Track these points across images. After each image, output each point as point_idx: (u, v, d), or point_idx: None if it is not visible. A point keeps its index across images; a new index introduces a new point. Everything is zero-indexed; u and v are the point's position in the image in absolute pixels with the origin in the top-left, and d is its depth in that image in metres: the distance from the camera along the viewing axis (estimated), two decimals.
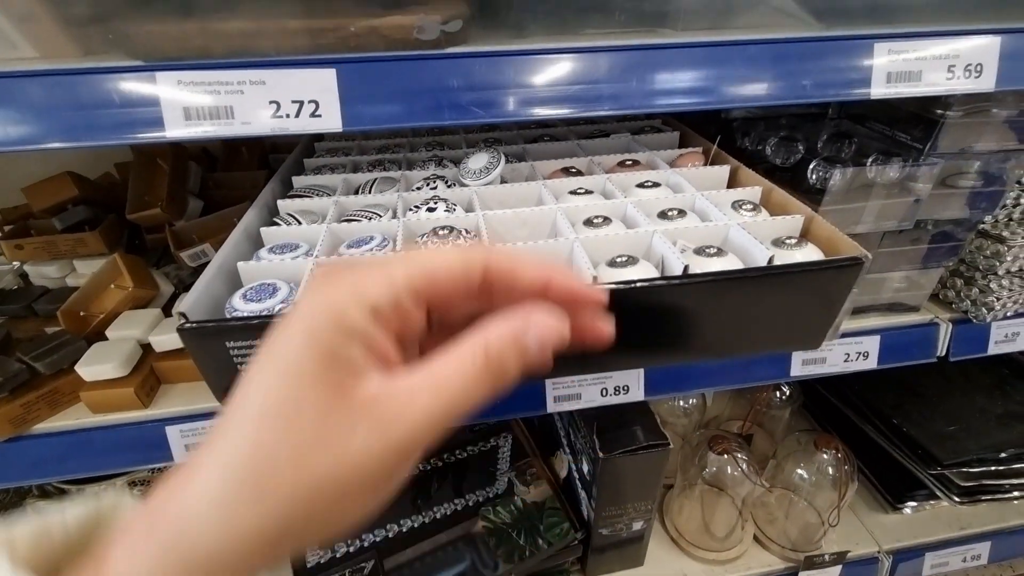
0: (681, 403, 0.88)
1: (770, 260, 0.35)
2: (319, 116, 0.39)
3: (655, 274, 0.35)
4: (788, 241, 0.38)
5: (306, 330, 0.18)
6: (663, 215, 0.41)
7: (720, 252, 0.36)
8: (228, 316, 0.38)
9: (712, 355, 0.41)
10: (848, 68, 0.44)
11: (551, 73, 0.40)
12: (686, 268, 0.35)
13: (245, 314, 0.38)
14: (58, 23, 0.38)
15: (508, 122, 0.43)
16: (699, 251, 0.37)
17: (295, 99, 0.38)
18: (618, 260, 0.37)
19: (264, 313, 0.38)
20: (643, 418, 0.66)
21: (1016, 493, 0.72)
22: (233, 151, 0.83)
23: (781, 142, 0.59)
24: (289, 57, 0.38)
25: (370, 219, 0.48)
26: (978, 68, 0.45)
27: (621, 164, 0.50)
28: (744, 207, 0.42)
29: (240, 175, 0.78)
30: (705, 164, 0.51)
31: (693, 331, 0.36)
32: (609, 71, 0.42)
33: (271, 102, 0.38)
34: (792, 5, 0.42)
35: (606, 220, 0.41)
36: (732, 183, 0.49)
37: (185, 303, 0.36)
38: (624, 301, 0.33)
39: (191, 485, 0.17)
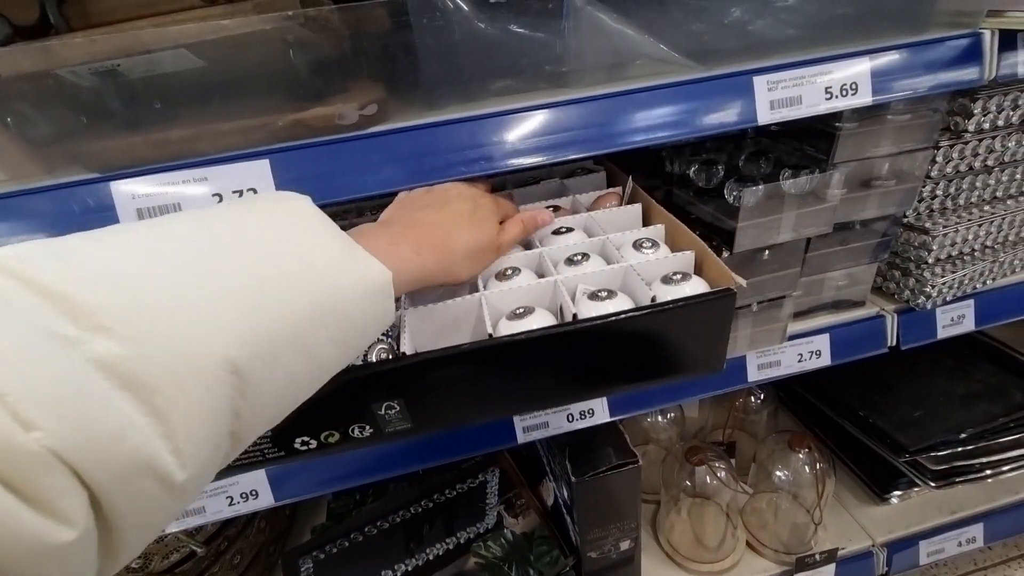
0: (660, 418, 0.90)
1: (653, 299, 0.39)
2: None
3: (551, 322, 0.39)
4: (675, 277, 0.41)
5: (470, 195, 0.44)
6: (569, 261, 0.45)
7: (611, 295, 0.40)
8: None
9: (619, 389, 0.44)
10: (733, 101, 0.48)
11: (462, 139, 0.45)
12: (575, 315, 0.38)
13: None
14: (23, 148, 0.43)
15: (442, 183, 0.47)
16: (593, 296, 0.40)
17: (235, 189, 0.43)
18: (517, 312, 0.40)
19: None
20: (613, 439, 0.69)
21: (989, 472, 0.73)
22: None
23: (703, 165, 0.64)
24: (226, 154, 0.43)
25: None
26: (853, 87, 0.50)
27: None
28: (644, 245, 0.46)
29: None
30: (621, 202, 0.55)
31: (593, 371, 0.40)
32: (518, 130, 0.46)
33: (213, 195, 0.42)
34: (672, 55, 0.47)
35: (515, 271, 0.44)
36: (647, 219, 0.53)
37: None
38: (517, 351, 0.37)
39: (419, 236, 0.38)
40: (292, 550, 0.78)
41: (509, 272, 0.44)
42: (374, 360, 0.37)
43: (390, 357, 0.38)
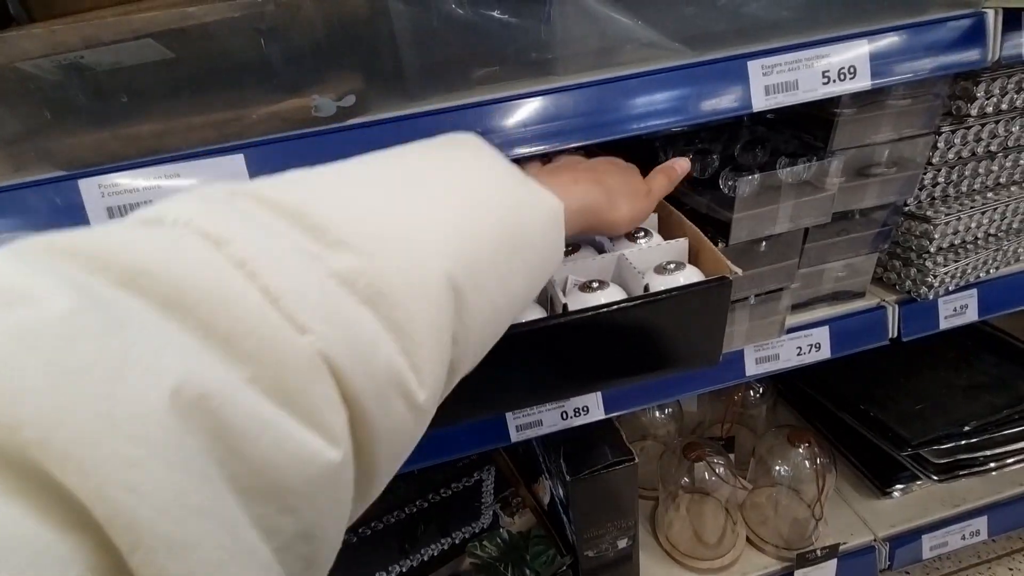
0: (658, 413, 0.89)
1: (646, 288, 0.37)
2: None
3: (540, 315, 0.37)
4: (669, 266, 0.40)
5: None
6: None
7: (603, 285, 0.38)
8: None
9: (611, 385, 0.43)
10: (727, 87, 0.47)
11: (445, 130, 0.43)
12: (565, 307, 0.37)
13: None
14: None
15: None
16: (584, 287, 0.39)
17: None
18: None
19: None
20: (609, 436, 0.67)
21: (993, 465, 0.72)
22: None
23: (697, 155, 0.62)
24: (199, 149, 0.41)
25: None
26: (851, 70, 0.48)
27: None
28: (637, 235, 0.44)
29: None
30: None
31: (584, 365, 0.38)
32: (504, 120, 0.45)
33: None
34: (662, 39, 0.45)
35: None
36: None
37: None
38: (503, 347, 0.35)
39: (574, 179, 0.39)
40: None
41: None
42: None
43: None
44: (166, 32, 0.37)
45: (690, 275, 0.39)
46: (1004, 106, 0.59)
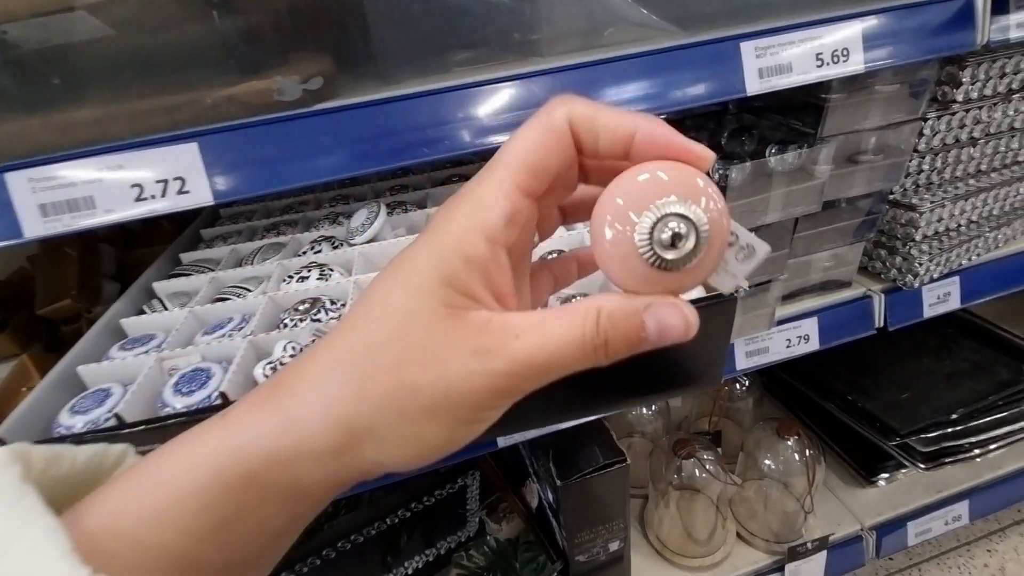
0: (644, 410, 0.87)
1: None
2: (187, 192, 0.37)
3: None
4: None
5: (433, 250, 0.19)
6: (543, 261, 0.40)
7: None
8: (54, 435, 0.36)
9: (600, 410, 0.40)
10: (720, 69, 0.44)
11: (422, 116, 0.40)
12: None
13: (71, 430, 0.35)
14: None
15: (404, 167, 0.42)
16: (565, 302, 0.35)
17: (159, 179, 0.37)
18: None
19: (87, 430, 0.35)
20: (598, 437, 0.65)
21: (977, 451, 0.72)
22: (153, 226, 0.81)
23: None
24: (147, 137, 0.37)
25: (238, 296, 0.47)
26: (845, 53, 0.46)
27: None
28: None
29: (160, 251, 0.76)
30: None
31: (565, 392, 0.35)
32: (485, 106, 0.41)
33: (133, 185, 0.36)
34: (652, 19, 0.43)
35: None
36: None
37: (8, 421, 0.34)
38: None
39: (306, 369, 0.19)
40: None
41: None
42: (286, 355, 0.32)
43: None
44: (103, 4, 0.32)
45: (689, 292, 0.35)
46: (988, 91, 0.58)
